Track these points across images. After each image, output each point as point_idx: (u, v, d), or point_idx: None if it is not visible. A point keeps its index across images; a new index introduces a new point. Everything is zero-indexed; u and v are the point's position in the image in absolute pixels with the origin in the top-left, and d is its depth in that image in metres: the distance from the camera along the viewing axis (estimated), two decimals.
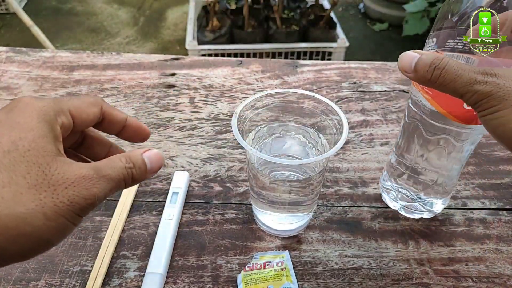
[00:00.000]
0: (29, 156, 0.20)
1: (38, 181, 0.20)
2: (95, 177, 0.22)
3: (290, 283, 0.35)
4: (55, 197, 0.20)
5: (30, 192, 0.20)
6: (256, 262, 0.36)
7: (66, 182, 0.21)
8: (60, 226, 0.20)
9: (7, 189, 0.19)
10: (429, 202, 0.40)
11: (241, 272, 0.36)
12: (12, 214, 0.19)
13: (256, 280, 0.35)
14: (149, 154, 0.25)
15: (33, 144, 0.21)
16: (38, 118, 0.22)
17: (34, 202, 0.20)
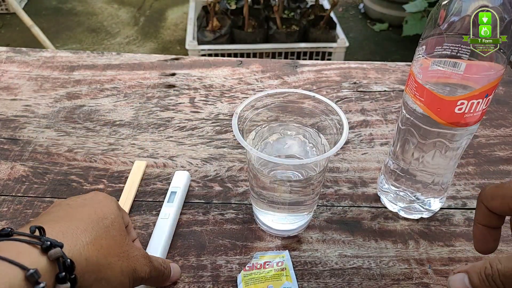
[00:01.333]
0: (115, 226, 0.28)
1: (120, 244, 0.27)
2: (149, 260, 0.30)
3: (290, 283, 0.35)
4: (128, 261, 0.27)
5: (115, 250, 0.27)
6: (256, 262, 0.36)
7: (133, 253, 0.28)
8: (125, 284, 0.27)
9: (104, 241, 0.26)
10: (427, 202, 0.40)
11: (241, 272, 0.36)
12: (104, 262, 0.25)
13: (256, 280, 0.35)
14: (173, 265, 0.34)
15: (117, 219, 0.28)
16: (116, 208, 0.30)
17: (117, 257, 0.26)
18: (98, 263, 0.25)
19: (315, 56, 1.62)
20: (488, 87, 0.31)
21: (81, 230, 0.25)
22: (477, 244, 0.28)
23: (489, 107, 0.55)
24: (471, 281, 0.24)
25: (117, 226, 0.28)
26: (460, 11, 0.29)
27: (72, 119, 0.52)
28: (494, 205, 0.26)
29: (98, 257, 0.25)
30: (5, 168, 0.45)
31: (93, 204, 0.28)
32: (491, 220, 0.27)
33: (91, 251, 0.25)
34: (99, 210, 0.28)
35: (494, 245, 0.28)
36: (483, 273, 0.23)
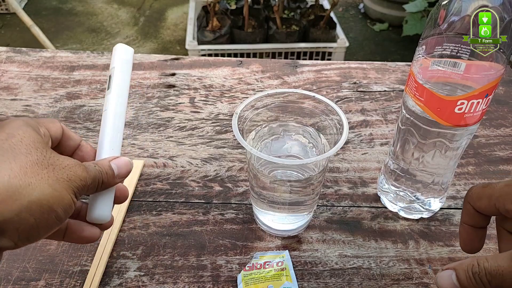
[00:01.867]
0: (26, 141, 0.23)
1: (39, 160, 0.23)
2: (83, 168, 0.25)
3: (290, 283, 0.35)
4: (56, 173, 0.23)
5: (33, 168, 0.22)
6: (256, 261, 0.36)
7: (62, 164, 0.24)
8: (65, 199, 0.23)
9: (14, 164, 0.22)
10: (427, 202, 0.40)
11: (241, 272, 0.36)
12: (23, 183, 0.21)
13: (256, 280, 0.35)
14: (116, 161, 0.28)
15: (27, 134, 0.23)
16: (24, 124, 0.24)
17: (39, 176, 0.22)
18: (13, 188, 0.21)
19: (315, 56, 1.62)
20: (488, 87, 0.31)
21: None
22: (463, 244, 0.29)
23: (489, 107, 0.55)
24: (458, 278, 0.24)
25: (29, 141, 0.23)
26: (460, 11, 0.29)
27: (72, 119, 0.52)
28: (481, 205, 0.26)
29: (10, 181, 0.21)
30: None
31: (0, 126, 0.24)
32: (477, 220, 0.27)
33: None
34: (2, 132, 0.23)
35: (479, 244, 0.28)
36: (470, 271, 0.23)
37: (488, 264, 0.23)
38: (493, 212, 0.26)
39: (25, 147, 0.23)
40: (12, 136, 0.23)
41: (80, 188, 0.24)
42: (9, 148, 0.22)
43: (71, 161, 0.24)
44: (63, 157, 0.24)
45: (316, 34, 1.58)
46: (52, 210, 0.22)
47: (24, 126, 0.24)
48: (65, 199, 0.23)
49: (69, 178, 0.23)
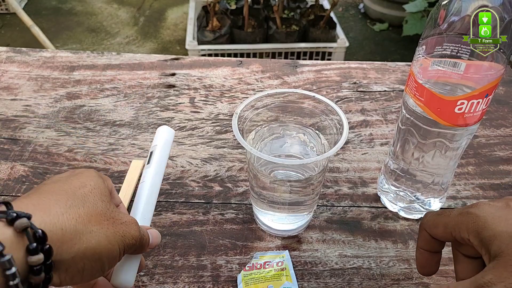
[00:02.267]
0: (95, 193, 0.26)
1: (103, 211, 0.25)
2: (138, 226, 0.27)
3: (290, 283, 0.35)
4: (114, 227, 0.25)
5: (97, 218, 0.24)
6: (256, 261, 0.36)
7: (121, 220, 0.26)
8: (115, 252, 0.25)
9: (82, 210, 0.24)
10: (427, 202, 0.40)
11: (241, 272, 0.36)
12: (85, 230, 0.23)
13: (256, 280, 0.35)
14: (152, 231, 0.30)
15: (97, 186, 0.26)
16: (96, 175, 0.28)
17: (100, 225, 0.24)
18: (76, 232, 0.23)
19: (315, 56, 1.62)
20: (488, 87, 0.31)
21: (54, 201, 0.23)
22: (420, 267, 0.30)
23: (489, 107, 0.55)
24: None
25: (98, 192, 0.26)
26: (460, 11, 0.29)
27: (72, 119, 0.52)
28: (437, 232, 0.28)
29: (76, 226, 0.23)
30: (5, 168, 0.45)
31: (68, 177, 0.26)
32: (433, 246, 0.29)
33: (66, 220, 0.23)
34: (75, 181, 0.26)
35: (435, 268, 0.30)
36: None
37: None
38: (449, 239, 0.27)
39: (93, 197, 0.25)
40: (84, 185, 0.26)
41: (129, 246, 0.26)
42: (81, 196, 0.25)
43: (129, 218, 0.27)
44: (122, 213, 0.27)
45: (316, 34, 1.58)
46: (101, 260, 0.24)
47: (95, 178, 0.27)
48: (114, 252, 0.25)
49: (123, 234, 0.25)
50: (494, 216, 0.24)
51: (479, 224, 0.24)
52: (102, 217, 0.25)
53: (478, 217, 0.24)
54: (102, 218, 0.25)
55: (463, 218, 0.25)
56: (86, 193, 0.25)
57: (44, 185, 0.26)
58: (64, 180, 0.26)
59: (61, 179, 0.26)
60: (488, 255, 0.24)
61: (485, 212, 0.25)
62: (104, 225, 0.25)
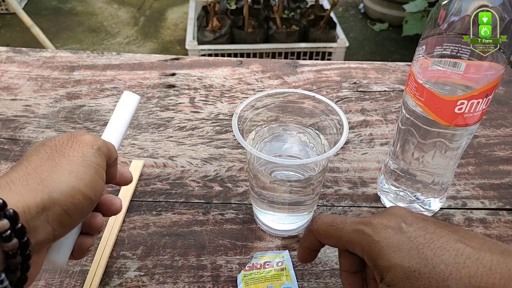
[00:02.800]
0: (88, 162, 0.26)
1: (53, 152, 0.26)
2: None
3: (290, 283, 0.35)
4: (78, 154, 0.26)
5: (63, 161, 0.25)
6: (256, 261, 0.36)
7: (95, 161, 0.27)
8: (98, 185, 0.26)
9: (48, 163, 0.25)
10: (427, 202, 0.40)
11: (241, 272, 0.36)
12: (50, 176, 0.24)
13: (256, 279, 0.35)
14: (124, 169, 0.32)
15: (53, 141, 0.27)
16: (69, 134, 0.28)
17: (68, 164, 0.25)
18: (42, 180, 0.23)
19: (315, 56, 1.62)
20: (488, 87, 0.31)
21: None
22: (300, 259, 0.31)
23: (489, 107, 0.55)
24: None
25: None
26: (460, 11, 0.29)
27: (72, 119, 0.52)
28: (329, 242, 0.28)
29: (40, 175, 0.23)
30: (5, 168, 0.45)
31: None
32: (318, 247, 0.29)
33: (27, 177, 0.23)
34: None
35: (313, 257, 0.30)
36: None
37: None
38: (341, 248, 0.27)
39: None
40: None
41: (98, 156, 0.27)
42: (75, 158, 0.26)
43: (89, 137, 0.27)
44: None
45: (316, 34, 1.58)
46: (83, 193, 0.25)
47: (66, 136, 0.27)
48: (98, 185, 0.26)
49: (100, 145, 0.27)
50: (389, 244, 0.24)
51: (374, 250, 0.24)
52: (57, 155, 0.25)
53: (374, 242, 0.24)
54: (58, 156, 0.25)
55: (358, 238, 0.25)
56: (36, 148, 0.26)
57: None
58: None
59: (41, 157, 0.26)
60: (380, 278, 0.24)
61: (380, 237, 0.24)
62: (69, 161, 0.25)
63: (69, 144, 0.26)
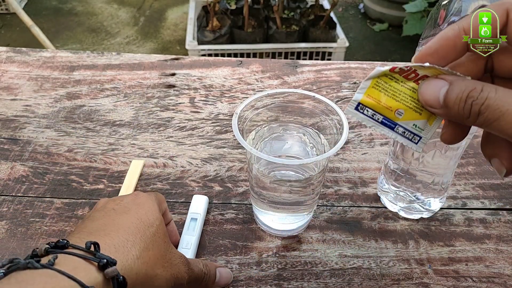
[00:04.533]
0: (160, 234, 0.28)
1: (164, 253, 0.28)
2: (188, 267, 0.29)
3: (430, 126, 0.24)
4: (172, 269, 0.28)
5: (160, 260, 0.27)
6: (417, 69, 0.22)
7: (175, 261, 0.28)
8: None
9: (151, 252, 0.26)
10: (427, 202, 0.40)
11: (385, 68, 0.23)
12: (152, 274, 0.26)
13: (393, 92, 0.23)
14: (221, 270, 0.33)
15: (161, 227, 0.28)
16: (158, 208, 0.30)
17: (162, 268, 0.27)
18: (146, 276, 0.25)
19: (315, 56, 1.62)
20: None
21: (131, 243, 0.25)
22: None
23: None
24: (448, 94, 0.19)
25: (161, 234, 0.28)
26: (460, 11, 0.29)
27: (72, 119, 0.52)
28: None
29: (146, 270, 0.25)
30: (5, 168, 0.45)
31: (137, 209, 0.28)
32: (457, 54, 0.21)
33: (140, 264, 0.25)
34: (144, 217, 0.28)
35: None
36: (466, 92, 0.19)
37: (494, 95, 0.18)
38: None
39: (159, 239, 0.27)
40: (152, 224, 0.28)
41: (178, 286, 0.28)
42: (150, 237, 0.27)
43: (181, 258, 0.29)
44: (176, 253, 0.29)
45: (316, 34, 1.58)
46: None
47: (158, 215, 0.29)
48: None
49: (176, 277, 0.28)
50: None
51: None
52: (164, 259, 0.27)
53: None
54: (164, 261, 0.27)
55: None
56: (153, 234, 0.27)
57: (115, 212, 0.28)
58: (134, 211, 0.28)
59: (130, 208, 0.28)
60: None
61: None
62: (165, 268, 0.27)
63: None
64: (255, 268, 0.37)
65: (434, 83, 0.20)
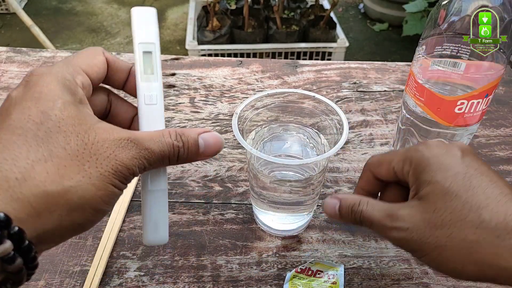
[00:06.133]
0: (64, 126, 0.19)
1: (79, 151, 0.19)
2: (135, 148, 0.20)
3: None
4: (99, 166, 0.19)
5: (73, 163, 0.18)
6: (310, 267, 0.36)
7: (107, 151, 0.19)
8: (110, 194, 0.20)
9: (50, 163, 0.18)
10: None
11: (292, 272, 0.35)
12: (61, 189, 0.18)
13: (304, 285, 0.34)
14: (206, 136, 0.23)
15: (66, 112, 0.19)
16: (59, 84, 0.20)
17: (80, 174, 0.19)
18: (47, 198, 0.18)
19: (315, 56, 1.62)
20: (488, 87, 0.31)
21: (12, 159, 0.17)
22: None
23: (489, 107, 0.55)
24: (341, 209, 0.26)
25: (67, 124, 0.19)
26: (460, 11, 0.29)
27: None
28: (380, 171, 0.28)
29: (45, 191, 0.18)
30: None
31: (31, 95, 0.19)
32: (373, 187, 0.29)
33: (33, 186, 0.17)
34: (35, 111, 0.19)
35: None
36: (350, 207, 0.26)
37: (365, 209, 0.25)
38: (391, 177, 0.27)
39: (63, 135, 0.19)
40: (47, 117, 0.19)
41: (127, 177, 0.20)
42: (44, 137, 0.18)
43: (118, 142, 0.20)
44: (109, 137, 0.20)
45: (316, 34, 1.58)
46: (97, 210, 0.20)
47: (60, 99, 0.19)
48: (110, 195, 0.20)
49: (114, 170, 0.19)
50: (438, 162, 0.24)
51: (421, 165, 0.24)
52: (79, 160, 0.18)
53: (423, 158, 0.24)
54: (79, 162, 0.18)
55: (409, 153, 0.26)
56: (51, 130, 0.18)
57: (6, 110, 0.19)
58: (26, 101, 0.19)
59: (24, 97, 0.19)
60: (414, 193, 0.24)
61: (431, 154, 0.24)
62: (84, 172, 0.18)
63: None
64: (255, 268, 0.37)
65: (330, 201, 0.27)
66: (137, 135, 0.21)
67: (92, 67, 0.23)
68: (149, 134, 0.21)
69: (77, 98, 0.21)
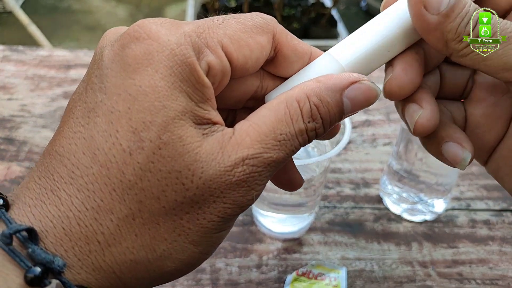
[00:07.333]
0: (161, 161, 0.13)
1: (177, 201, 0.14)
2: (255, 171, 0.14)
3: None
4: (201, 218, 0.14)
5: (168, 219, 0.14)
6: (311, 269, 0.35)
7: (215, 193, 0.14)
8: (209, 247, 0.15)
9: (139, 221, 0.13)
10: (431, 203, 0.39)
11: (293, 274, 0.35)
12: (151, 257, 0.14)
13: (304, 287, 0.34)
14: (353, 94, 0.16)
15: (166, 137, 0.13)
16: (171, 76, 0.13)
17: (175, 232, 0.14)
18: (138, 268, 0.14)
19: None
20: None
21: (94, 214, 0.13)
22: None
23: None
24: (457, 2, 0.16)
25: (165, 156, 0.13)
26: None
27: None
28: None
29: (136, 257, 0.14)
30: (1, 168, 0.44)
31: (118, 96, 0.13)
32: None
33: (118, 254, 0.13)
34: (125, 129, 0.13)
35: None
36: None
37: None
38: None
39: (158, 177, 0.13)
40: (138, 146, 0.13)
41: (236, 216, 0.15)
42: (132, 180, 0.13)
43: (230, 179, 0.14)
44: (216, 175, 0.14)
45: (317, 32, 1.58)
46: (194, 265, 0.15)
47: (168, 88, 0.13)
48: (209, 249, 0.15)
49: (222, 216, 0.14)
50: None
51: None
52: (178, 212, 0.14)
53: None
54: (178, 216, 0.14)
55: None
56: (141, 168, 0.13)
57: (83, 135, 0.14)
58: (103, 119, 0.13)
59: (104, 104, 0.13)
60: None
61: None
62: (183, 226, 0.14)
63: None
64: (255, 271, 0.36)
65: None
66: (256, 148, 0.14)
67: (243, 47, 0.15)
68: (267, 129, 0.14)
69: (192, 105, 0.14)
